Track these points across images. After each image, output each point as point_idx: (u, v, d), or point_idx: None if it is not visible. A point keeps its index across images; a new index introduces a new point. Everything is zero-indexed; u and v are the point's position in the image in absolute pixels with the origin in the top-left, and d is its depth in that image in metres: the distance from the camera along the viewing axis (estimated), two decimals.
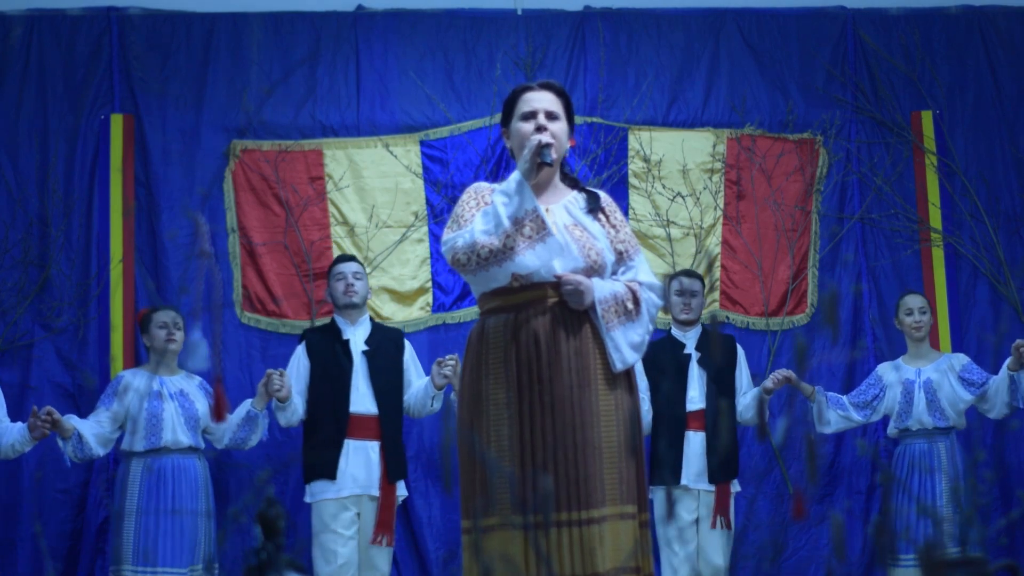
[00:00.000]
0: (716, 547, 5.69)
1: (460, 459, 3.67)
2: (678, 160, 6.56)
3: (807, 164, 6.63)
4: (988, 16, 6.79)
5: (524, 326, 3.55)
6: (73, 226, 6.30)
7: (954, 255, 6.60)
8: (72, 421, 5.37)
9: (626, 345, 3.58)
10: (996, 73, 6.74)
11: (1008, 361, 5.60)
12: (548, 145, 3.60)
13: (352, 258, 5.84)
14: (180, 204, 6.33)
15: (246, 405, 5.56)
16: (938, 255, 6.59)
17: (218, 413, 5.30)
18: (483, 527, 3.48)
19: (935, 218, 6.62)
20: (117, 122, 6.38)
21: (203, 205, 6.33)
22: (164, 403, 5.43)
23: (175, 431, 5.41)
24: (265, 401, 5.54)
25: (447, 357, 5.55)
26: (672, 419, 5.69)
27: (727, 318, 6.48)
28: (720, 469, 5.67)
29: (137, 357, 6.17)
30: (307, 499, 5.58)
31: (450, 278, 6.42)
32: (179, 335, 5.54)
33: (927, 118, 6.69)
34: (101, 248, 6.28)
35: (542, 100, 3.72)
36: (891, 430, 5.87)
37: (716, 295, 6.50)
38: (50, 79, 6.38)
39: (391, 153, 6.46)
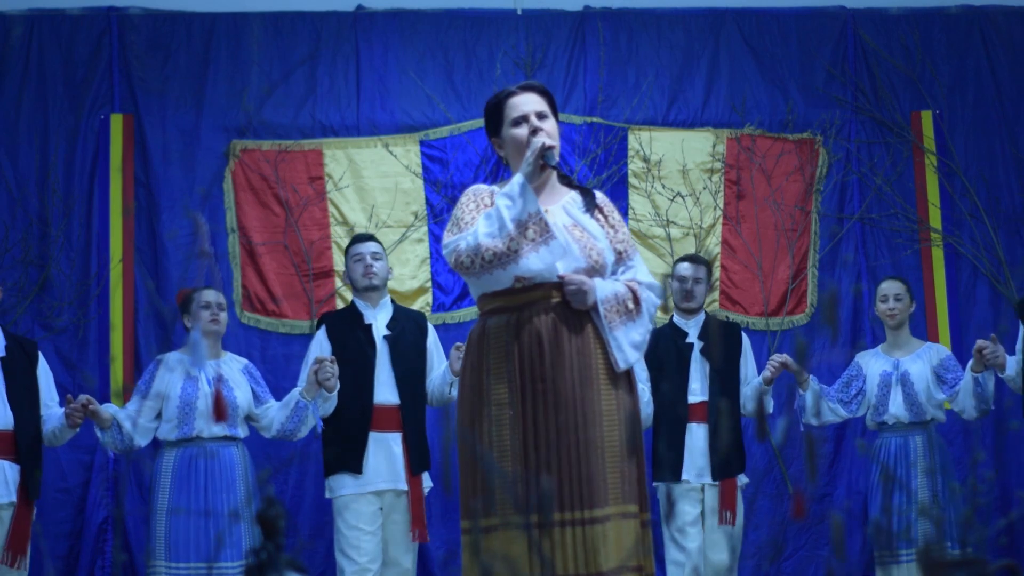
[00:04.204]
0: (721, 544, 5.58)
1: (460, 459, 3.67)
2: (678, 160, 6.57)
3: (807, 164, 6.63)
4: (988, 16, 6.80)
5: (526, 326, 3.55)
6: (73, 226, 6.30)
7: (954, 255, 6.60)
8: (110, 410, 5.19)
9: (628, 344, 3.59)
10: (996, 73, 6.75)
11: (970, 363, 5.46)
12: (551, 147, 3.60)
13: (371, 237, 5.61)
14: (180, 204, 6.33)
15: (294, 395, 5.29)
16: (938, 255, 6.59)
17: (218, 413, 5.27)
18: (483, 527, 3.49)
19: (935, 218, 6.62)
20: (117, 122, 6.38)
21: (203, 205, 6.33)
22: (200, 390, 5.23)
23: (209, 420, 5.20)
24: (315, 391, 5.24)
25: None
26: (674, 411, 5.55)
27: (727, 318, 6.48)
28: (725, 466, 5.54)
29: (137, 357, 6.17)
30: (327, 494, 5.41)
31: (450, 278, 6.42)
32: (223, 316, 5.34)
33: (927, 118, 6.69)
34: (101, 248, 6.29)
35: (529, 102, 3.72)
36: (869, 422, 5.78)
37: (716, 295, 6.50)
38: (50, 79, 6.38)
39: (391, 153, 6.46)
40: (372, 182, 6.46)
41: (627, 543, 3.48)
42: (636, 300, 3.63)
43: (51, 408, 5.19)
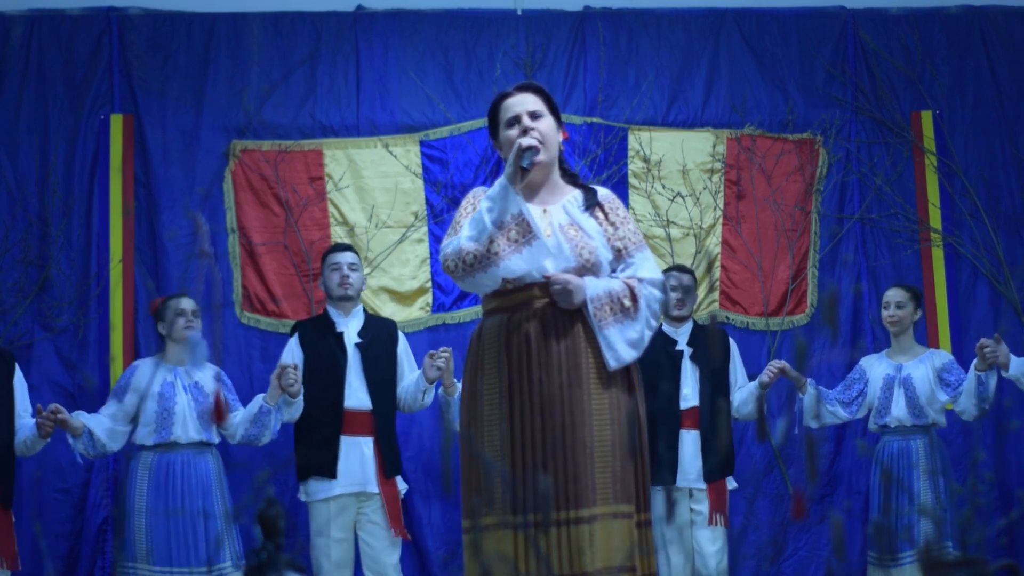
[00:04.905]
0: (713, 546, 5.67)
1: (461, 459, 3.68)
2: (678, 160, 6.56)
3: (807, 164, 6.63)
4: (988, 16, 6.79)
5: (517, 327, 3.56)
6: (73, 226, 6.29)
7: (954, 255, 6.60)
8: (81, 418, 5.29)
9: (622, 343, 3.58)
10: (996, 73, 6.74)
11: (975, 362, 5.52)
12: (530, 148, 3.61)
13: (348, 247, 5.76)
14: (180, 204, 6.33)
15: (258, 401, 5.43)
16: (938, 255, 6.59)
17: (217, 414, 5.32)
18: (482, 526, 3.49)
19: (935, 218, 6.62)
20: (117, 122, 6.38)
21: (203, 205, 6.33)
22: (177, 395, 5.34)
23: (186, 425, 5.31)
24: (278, 395, 5.40)
25: (440, 349, 5.49)
26: (666, 418, 5.63)
27: (727, 318, 6.48)
28: (716, 467, 5.64)
29: (137, 357, 6.16)
30: (302, 498, 5.55)
31: (450, 278, 6.41)
32: (197, 324, 5.46)
33: (927, 118, 6.69)
34: (101, 248, 6.28)
35: (522, 103, 3.73)
36: (871, 425, 5.83)
37: (716, 295, 6.50)
38: (50, 79, 6.38)
39: (391, 153, 6.46)
40: (372, 182, 6.45)
41: (617, 544, 3.47)
42: (633, 297, 3.62)
43: (23, 419, 5.26)
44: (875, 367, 5.83)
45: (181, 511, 5.25)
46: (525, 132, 3.66)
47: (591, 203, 3.70)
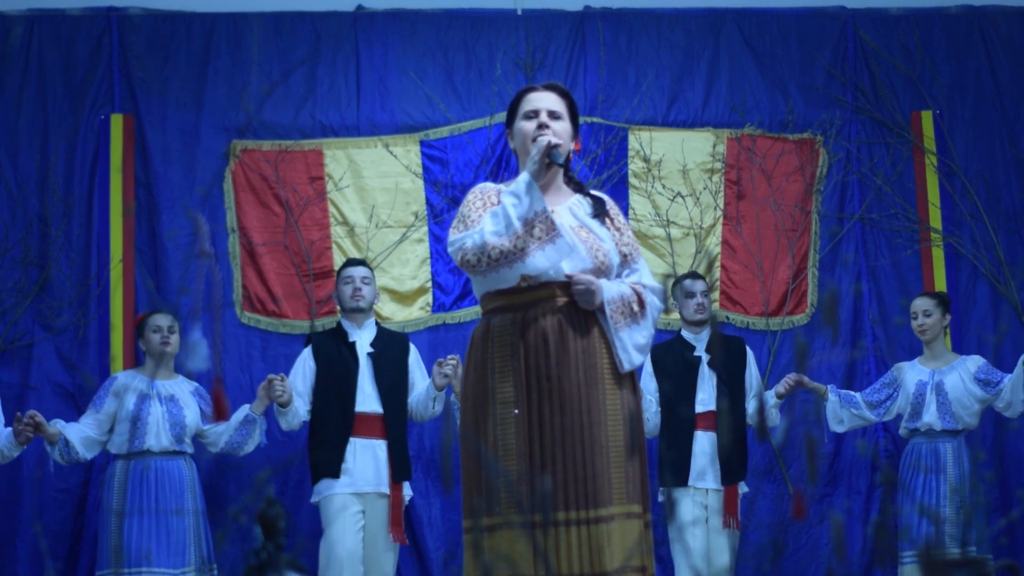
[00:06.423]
0: (723, 547, 5.71)
1: (463, 458, 3.67)
2: (678, 160, 6.56)
3: (807, 164, 6.63)
4: (988, 16, 6.79)
5: (532, 325, 3.55)
6: (73, 226, 6.29)
7: (954, 255, 6.60)
8: (59, 425, 5.39)
9: (632, 346, 3.61)
10: (996, 73, 6.74)
11: (1023, 356, 5.60)
12: (557, 145, 3.61)
13: (362, 262, 5.85)
14: (180, 204, 6.33)
15: (244, 409, 5.57)
16: (938, 255, 6.59)
17: (218, 413, 5.33)
18: (485, 526, 3.49)
19: (935, 218, 6.62)
20: (117, 122, 6.38)
21: (203, 205, 6.33)
22: (152, 407, 5.44)
23: (159, 435, 5.42)
24: (265, 405, 5.55)
25: (448, 357, 5.56)
26: (681, 421, 5.70)
27: (727, 318, 6.48)
28: (731, 471, 5.68)
29: (137, 357, 6.17)
30: (313, 499, 5.59)
31: (450, 278, 6.42)
32: (174, 338, 5.57)
33: (927, 118, 6.69)
34: (101, 248, 6.28)
35: (545, 100, 3.74)
36: (901, 430, 5.88)
37: (716, 295, 6.50)
38: (50, 79, 6.38)
39: (391, 153, 6.46)
40: (372, 182, 6.45)
41: (630, 543, 3.49)
42: (641, 303, 3.64)
43: None
44: (908, 373, 5.89)
45: (155, 513, 5.33)
46: (540, 128, 3.66)
47: (601, 211, 3.71)
